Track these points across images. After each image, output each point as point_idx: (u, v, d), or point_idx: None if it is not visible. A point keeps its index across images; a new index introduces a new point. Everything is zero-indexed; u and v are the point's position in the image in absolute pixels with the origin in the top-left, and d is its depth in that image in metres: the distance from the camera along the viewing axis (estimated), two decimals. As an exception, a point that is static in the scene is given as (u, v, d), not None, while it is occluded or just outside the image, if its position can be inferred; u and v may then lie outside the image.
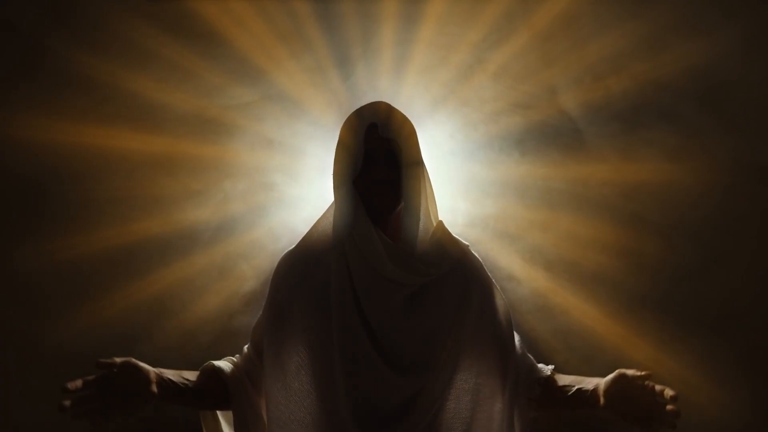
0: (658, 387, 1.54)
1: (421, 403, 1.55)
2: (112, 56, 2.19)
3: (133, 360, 1.53)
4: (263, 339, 1.67)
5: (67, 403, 1.43)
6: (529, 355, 1.75)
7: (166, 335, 2.14)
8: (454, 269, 1.66)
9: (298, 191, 2.24)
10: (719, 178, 2.19)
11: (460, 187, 2.24)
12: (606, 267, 2.20)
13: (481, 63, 2.25)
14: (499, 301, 1.71)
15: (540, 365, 1.73)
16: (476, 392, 1.62)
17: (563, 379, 1.69)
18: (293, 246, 1.73)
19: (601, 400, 1.59)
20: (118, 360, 1.51)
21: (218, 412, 1.76)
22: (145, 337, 2.11)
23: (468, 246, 1.73)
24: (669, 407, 1.50)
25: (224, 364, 1.71)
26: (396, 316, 1.57)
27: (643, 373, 1.56)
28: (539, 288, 2.22)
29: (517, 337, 1.75)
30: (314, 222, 1.74)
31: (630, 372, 1.57)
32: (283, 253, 1.73)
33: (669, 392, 1.51)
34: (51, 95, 2.17)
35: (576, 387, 1.64)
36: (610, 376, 1.59)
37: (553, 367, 1.73)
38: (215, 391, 1.67)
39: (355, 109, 1.70)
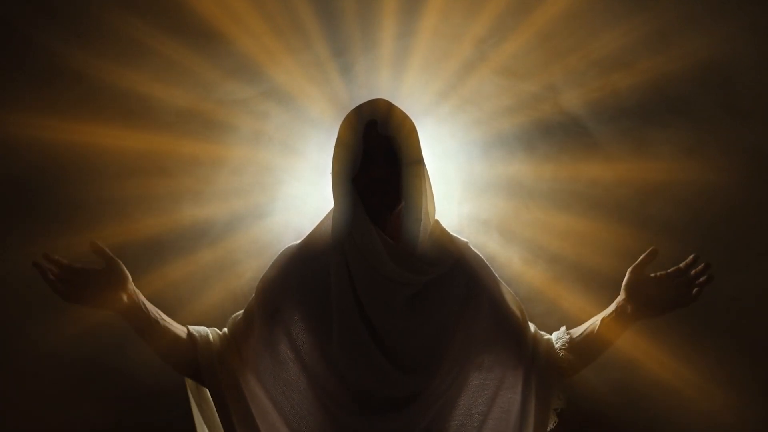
0: (670, 270, 1.57)
1: (423, 401, 1.55)
2: (104, 51, 2.17)
3: (120, 263, 1.57)
4: (255, 331, 1.66)
5: (46, 265, 1.51)
6: (542, 332, 1.73)
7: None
8: (454, 269, 1.64)
9: (297, 189, 2.24)
10: (734, 174, 2.16)
11: (462, 187, 2.23)
12: (615, 269, 2.16)
13: (483, 58, 2.22)
14: (506, 294, 1.69)
15: (553, 335, 1.71)
16: (491, 387, 1.63)
17: (580, 330, 1.68)
18: (296, 242, 1.70)
19: (629, 308, 1.60)
20: (109, 252, 1.56)
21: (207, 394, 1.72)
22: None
23: (467, 243, 1.71)
24: (699, 280, 1.55)
25: (203, 330, 1.68)
26: (397, 316, 1.56)
27: (648, 252, 1.59)
28: (543, 289, 2.21)
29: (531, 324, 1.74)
30: (318, 220, 1.71)
31: (637, 262, 1.59)
32: (285, 248, 1.71)
33: (686, 263, 1.56)
34: (38, 90, 2.14)
35: (598, 321, 1.65)
36: (624, 281, 1.61)
37: (564, 327, 1.71)
38: (186, 345, 1.64)
39: (354, 106, 1.66)
